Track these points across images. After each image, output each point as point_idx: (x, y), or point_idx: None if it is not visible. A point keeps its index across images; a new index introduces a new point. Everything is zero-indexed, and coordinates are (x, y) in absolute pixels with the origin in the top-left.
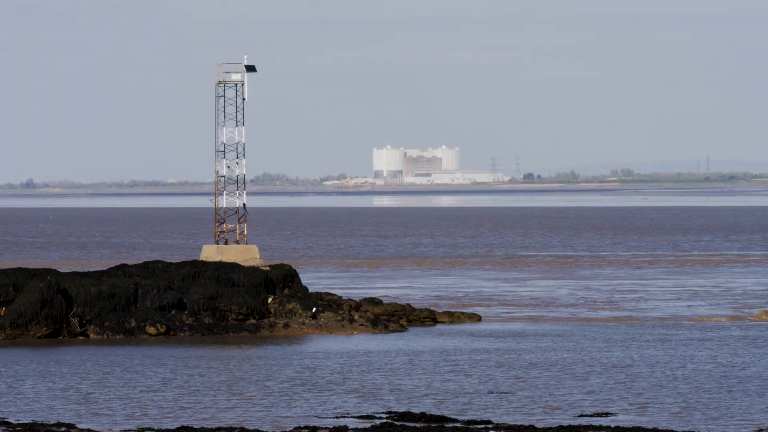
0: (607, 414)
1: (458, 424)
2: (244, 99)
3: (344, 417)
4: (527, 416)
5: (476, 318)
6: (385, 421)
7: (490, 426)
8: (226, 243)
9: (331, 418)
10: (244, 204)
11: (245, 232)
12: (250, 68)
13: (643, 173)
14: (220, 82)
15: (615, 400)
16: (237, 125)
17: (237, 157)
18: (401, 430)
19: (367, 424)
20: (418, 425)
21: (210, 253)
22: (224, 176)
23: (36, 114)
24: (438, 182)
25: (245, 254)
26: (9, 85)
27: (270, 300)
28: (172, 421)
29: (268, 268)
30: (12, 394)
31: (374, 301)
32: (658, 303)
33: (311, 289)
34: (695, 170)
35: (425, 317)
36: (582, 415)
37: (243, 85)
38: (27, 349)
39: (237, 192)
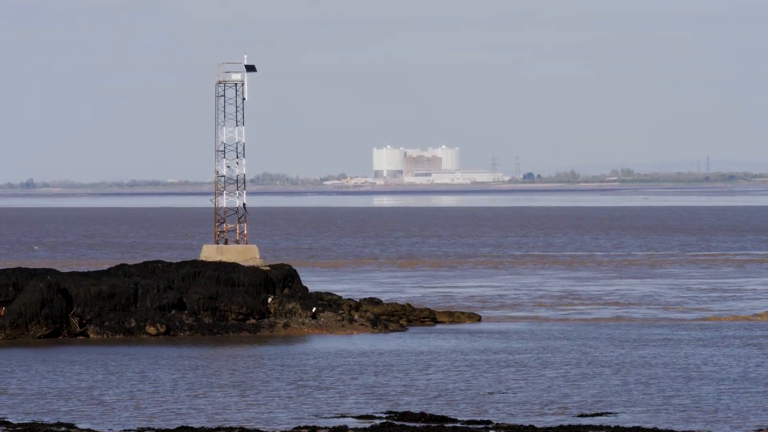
0: (607, 414)
1: (458, 424)
2: (244, 99)
3: (344, 417)
4: (527, 416)
5: (476, 318)
6: (384, 421)
7: (490, 426)
8: (226, 243)
9: (331, 417)
10: (244, 204)
11: (245, 231)
12: (250, 68)
13: (643, 173)
14: (220, 82)
15: (616, 400)
16: (237, 125)
17: (237, 157)
18: (401, 430)
19: (367, 424)
20: (417, 425)
21: (210, 252)
22: (224, 176)
23: (36, 114)
24: (438, 182)
25: (245, 254)
26: (9, 85)
27: (270, 300)
28: (171, 421)
29: (267, 267)
30: (12, 394)
31: (374, 301)
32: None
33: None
34: (695, 170)
35: (425, 317)
36: (582, 415)
37: (243, 85)
38: (27, 349)
39: (237, 192)
